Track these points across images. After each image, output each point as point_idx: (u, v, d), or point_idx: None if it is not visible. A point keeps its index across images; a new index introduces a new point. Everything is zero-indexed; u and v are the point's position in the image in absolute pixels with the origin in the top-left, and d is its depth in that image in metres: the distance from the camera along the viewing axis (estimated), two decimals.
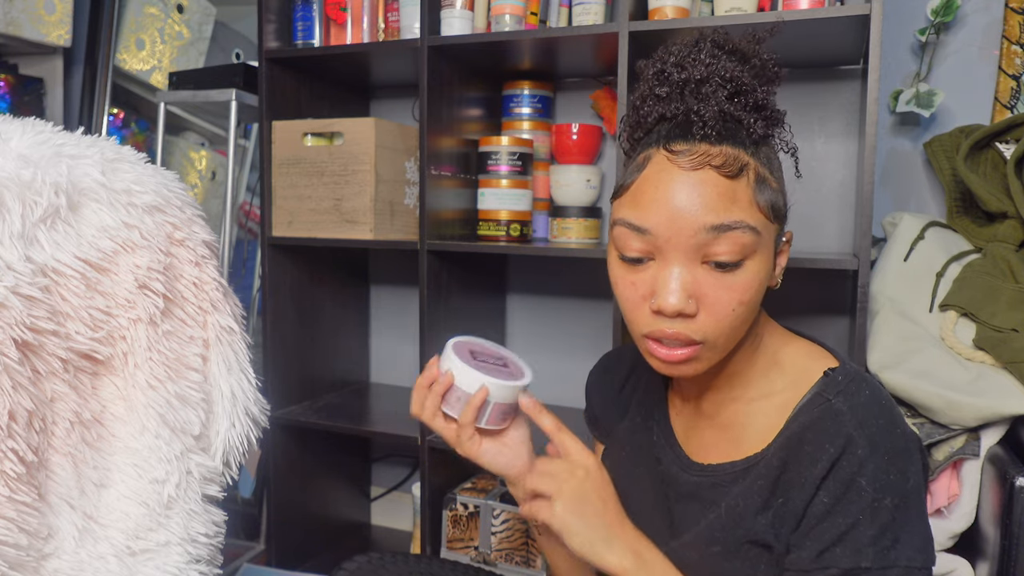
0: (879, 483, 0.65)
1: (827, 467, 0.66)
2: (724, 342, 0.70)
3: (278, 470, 1.65)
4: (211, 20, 2.25)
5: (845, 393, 0.70)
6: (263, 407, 0.99)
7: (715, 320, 0.68)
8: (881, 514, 0.65)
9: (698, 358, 0.70)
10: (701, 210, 0.66)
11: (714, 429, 0.78)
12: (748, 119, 0.69)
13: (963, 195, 1.37)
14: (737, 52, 0.71)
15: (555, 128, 1.55)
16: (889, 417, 0.69)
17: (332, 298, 1.79)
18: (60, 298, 0.79)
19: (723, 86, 0.69)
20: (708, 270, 0.68)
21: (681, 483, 0.77)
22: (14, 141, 0.81)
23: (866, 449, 0.66)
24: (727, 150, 0.67)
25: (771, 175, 0.70)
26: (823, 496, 0.66)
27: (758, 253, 0.68)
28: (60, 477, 0.78)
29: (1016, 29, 1.39)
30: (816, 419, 0.69)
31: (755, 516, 0.70)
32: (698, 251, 0.67)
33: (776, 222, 0.70)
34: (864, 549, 0.64)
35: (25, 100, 1.95)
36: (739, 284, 0.68)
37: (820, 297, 1.51)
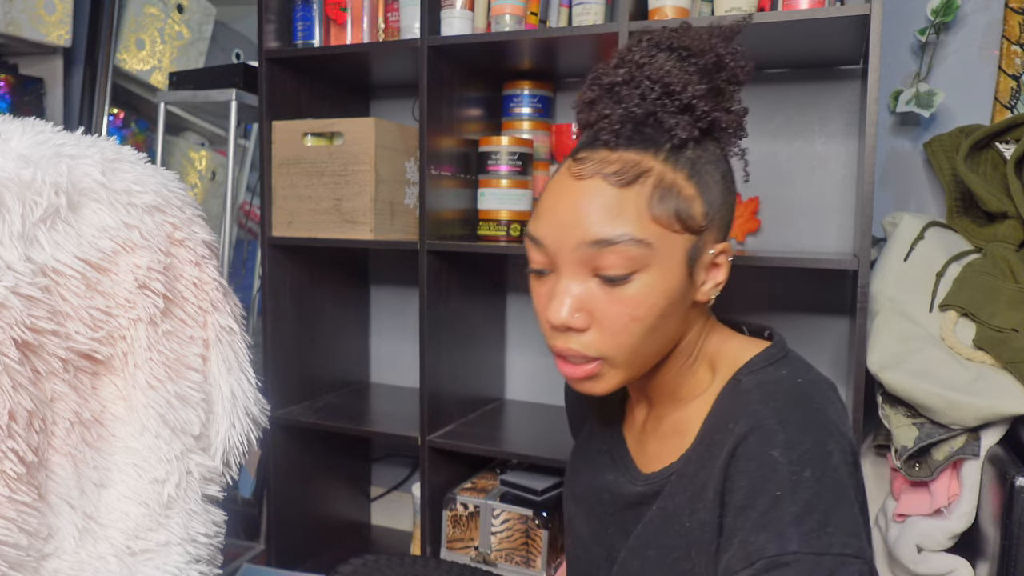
0: (795, 454, 0.58)
1: (732, 448, 0.61)
2: (627, 359, 0.67)
3: (278, 470, 1.65)
4: (211, 20, 2.25)
5: (758, 373, 0.67)
6: (263, 407, 0.99)
7: (607, 336, 0.66)
8: (802, 489, 0.57)
9: (601, 375, 0.68)
10: (583, 223, 0.64)
11: (658, 440, 0.75)
12: (670, 121, 0.65)
13: (963, 195, 1.37)
14: (680, 50, 0.68)
15: (555, 128, 1.55)
16: (803, 391, 0.64)
17: (332, 298, 1.79)
18: (60, 298, 0.79)
19: (648, 87, 0.66)
20: (599, 283, 0.65)
21: (627, 494, 0.75)
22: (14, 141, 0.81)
23: (773, 421, 0.61)
24: (627, 156, 0.65)
25: (689, 182, 0.66)
26: (739, 481, 0.60)
27: (653, 267, 0.64)
28: (60, 477, 0.78)
29: (1016, 29, 1.39)
30: (725, 403, 0.67)
31: (681, 517, 0.66)
32: (586, 264, 0.65)
33: (689, 232, 0.66)
34: (787, 531, 0.55)
35: (25, 100, 1.95)
36: (630, 299, 0.64)
37: (820, 297, 1.51)
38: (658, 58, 0.67)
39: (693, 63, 0.67)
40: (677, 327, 0.69)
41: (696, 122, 0.67)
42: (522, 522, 1.47)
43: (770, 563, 0.55)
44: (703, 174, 0.67)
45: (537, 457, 1.39)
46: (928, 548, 1.13)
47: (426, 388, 1.48)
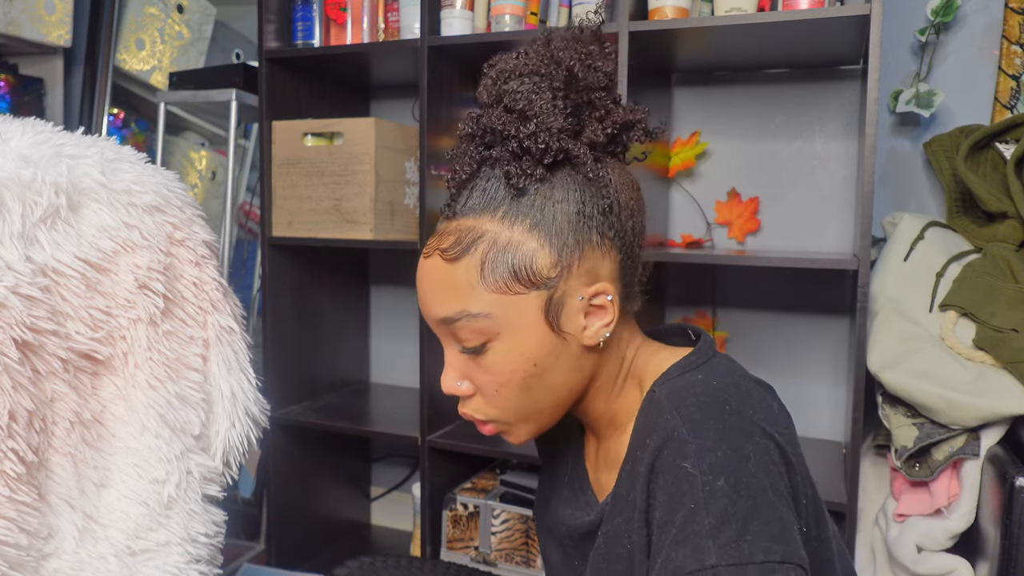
0: (706, 463, 0.56)
1: (650, 462, 0.59)
2: (518, 418, 0.67)
3: (278, 470, 1.65)
4: (211, 20, 2.25)
5: (673, 380, 0.65)
6: (263, 407, 0.99)
7: (488, 401, 0.67)
8: (717, 498, 0.54)
9: (508, 431, 0.69)
10: (429, 303, 0.66)
11: (607, 469, 0.74)
12: (505, 170, 0.63)
13: (963, 195, 1.37)
14: (520, 76, 0.63)
15: None
16: (715, 395, 0.61)
17: (332, 298, 1.79)
18: (60, 298, 0.79)
19: (483, 136, 0.64)
20: (468, 356, 0.66)
21: (580, 525, 0.74)
22: (14, 141, 0.81)
23: (685, 430, 0.58)
24: (463, 224, 0.64)
25: (530, 234, 0.62)
26: (659, 496, 0.57)
27: (503, 334, 0.63)
28: (60, 477, 0.78)
29: (1016, 29, 1.39)
30: (641, 417, 0.65)
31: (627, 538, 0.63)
32: (451, 338, 0.66)
33: (537, 288, 0.63)
34: (704, 544, 0.53)
35: (25, 100, 1.95)
36: (491, 367, 0.64)
37: (820, 297, 1.51)
38: (506, 88, 0.64)
39: (539, 88, 0.63)
40: (567, 378, 0.66)
41: (536, 163, 0.62)
42: (522, 522, 1.47)
43: None
44: (549, 219, 0.63)
45: (537, 457, 1.38)
46: (928, 548, 1.13)
47: (426, 388, 1.48)
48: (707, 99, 1.56)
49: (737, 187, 1.54)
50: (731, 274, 1.56)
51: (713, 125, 1.56)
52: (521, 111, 0.62)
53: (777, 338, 1.54)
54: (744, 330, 1.56)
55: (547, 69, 0.63)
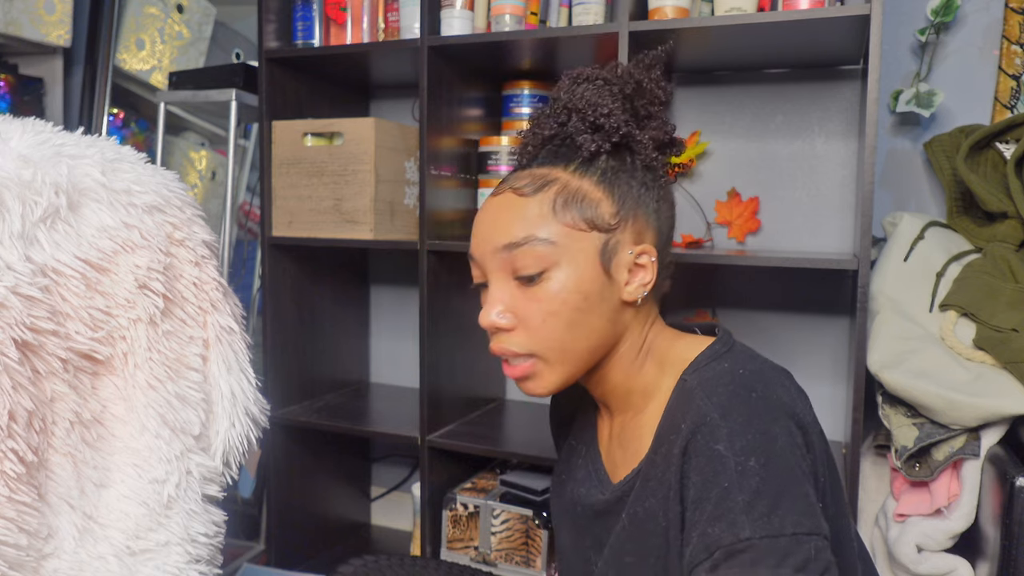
0: (738, 445, 0.61)
1: (683, 445, 0.64)
2: (555, 356, 0.72)
3: (278, 470, 1.65)
4: (211, 20, 2.25)
5: (702, 370, 0.70)
6: (263, 407, 0.99)
7: (530, 333, 0.71)
8: (749, 477, 0.59)
9: (538, 373, 0.73)
10: (494, 231, 0.72)
11: (622, 448, 0.78)
12: (579, 137, 0.73)
13: (963, 195, 1.37)
14: (597, 80, 0.76)
15: None
16: (743, 383, 0.66)
17: (332, 298, 1.79)
18: (60, 298, 0.79)
19: (563, 113, 0.74)
20: (518, 285, 0.72)
21: (595, 503, 0.78)
22: (14, 141, 0.81)
23: (716, 415, 0.63)
24: (537, 171, 0.74)
25: (597, 187, 0.72)
26: (693, 476, 0.63)
27: (563, 263, 0.70)
28: (60, 477, 0.78)
29: (1016, 29, 1.39)
30: (674, 403, 0.70)
31: (656, 520, 0.68)
32: (505, 269, 0.72)
33: (597, 230, 0.71)
34: (739, 518, 0.58)
35: (25, 100, 1.95)
36: (544, 295, 0.70)
37: (820, 297, 1.51)
38: (577, 90, 0.75)
39: (609, 90, 0.75)
40: (604, 325, 0.73)
41: (608, 137, 0.73)
42: (522, 522, 1.47)
43: (727, 552, 0.57)
44: (615, 181, 0.73)
45: (537, 457, 1.39)
46: (928, 548, 1.13)
47: (426, 388, 1.48)
48: (707, 99, 1.56)
49: (737, 187, 1.54)
50: (731, 274, 1.56)
51: (713, 125, 1.56)
52: (590, 104, 0.73)
53: (777, 338, 1.54)
54: (744, 330, 1.56)
55: (618, 80, 0.76)
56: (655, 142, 0.76)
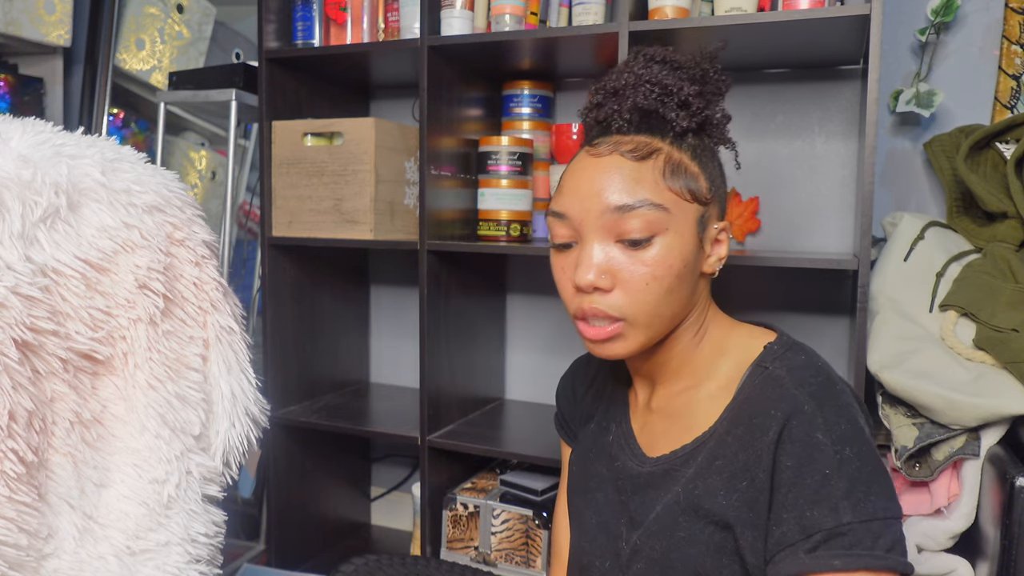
0: (835, 434, 0.66)
1: (778, 430, 0.68)
2: (645, 320, 0.73)
3: (278, 470, 1.65)
4: (211, 20, 2.25)
5: (781, 359, 0.73)
6: (263, 407, 0.99)
7: (630, 296, 0.72)
8: (846, 465, 0.65)
9: (623, 335, 0.73)
10: (606, 191, 0.72)
11: (665, 420, 0.80)
12: (670, 113, 0.74)
13: (963, 195, 1.37)
14: (670, 62, 0.77)
15: (555, 128, 1.55)
16: (826, 375, 0.71)
17: (332, 298, 1.79)
18: (60, 298, 0.79)
19: (648, 87, 0.75)
20: (621, 248, 0.72)
21: (635, 476, 0.79)
22: (14, 141, 0.81)
23: (812, 405, 0.68)
24: (639, 139, 0.74)
25: (692, 162, 0.75)
26: (786, 461, 0.67)
27: (670, 231, 0.72)
28: (60, 477, 0.78)
29: (1016, 29, 1.39)
30: (759, 390, 0.72)
31: (719, 498, 0.71)
32: (610, 231, 0.72)
33: (698, 203, 0.74)
34: (840, 504, 0.64)
35: (25, 100, 1.95)
36: (650, 260, 0.71)
37: (820, 297, 1.51)
38: (653, 68, 0.76)
39: (681, 74, 0.77)
40: (689, 295, 0.75)
41: (692, 116, 0.75)
42: (522, 522, 1.47)
43: (828, 534, 0.63)
44: (703, 158, 0.76)
45: (537, 457, 1.39)
46: (928, 548, 1.13)
47: (426, 388, 1.48)
48: None
49: (737, 187, 1.54)
50: (731, 274, 1.56)
51: None
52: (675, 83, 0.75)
53: None
54: None
55: (687, 65, 0.77)
56: (727, 120, 0.80)
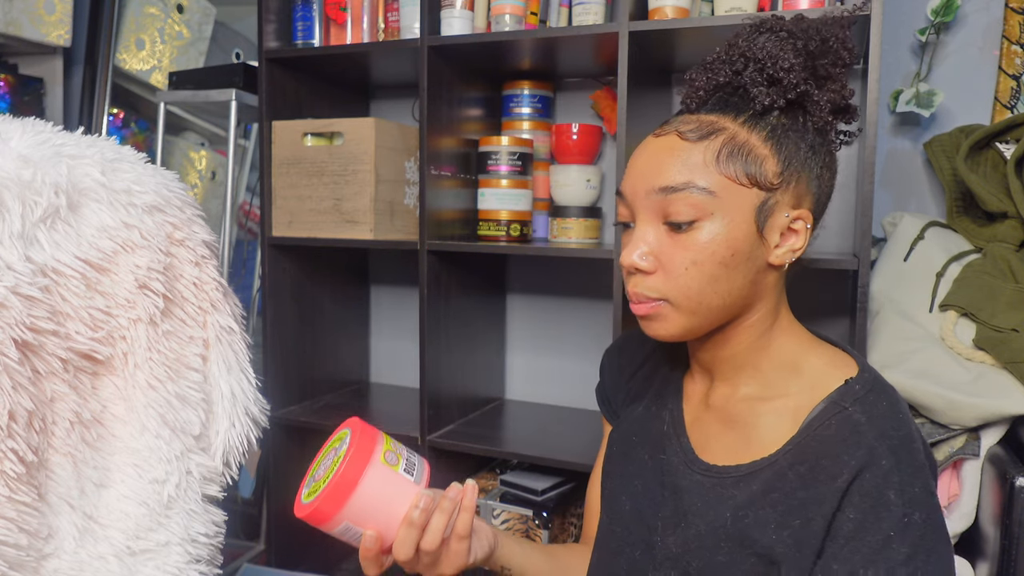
0: (907, 496, 0.63)
1: (849, 480, 0.64)
2: (689, 305, 0.70)
3: (278, 470, 1.65)
4: (211, 20, 2.26)
5: (863, 403, 0.68)
6: (263, 407, 0.99)
7: (669, 279, 0.70)
8: (912, 530, 0.62)
9: (663, 316, 0.72)
10: (653, 173, 0.70)
11: (721, 423, 0.76)
12: (754, 90, 0.71)
13: (963, 195, 1.37)
14: (783, 31, 0.72)
15: (555, 128, 1.55)
16: (908, 430, 0.67)
17: (332, 298, 1.79)
18: (60, 298, 0.79)
19: (740, 61, 0.71)
20: (667, 230, 0.71)
21: (682, 476, 0.75)
22: (14, 141, 0.81)
23: (890, 461, 0.64)
24: (705, 118, 0.71)
25: (765, 144, 0.70)
26: (849, 512, 0.64)
27: (716, 216, 0.69)
28: (60, 477, 0.78)
29: (1016, 29, 1.39)
30: (834, 431, 0.67)
31: (768, 531, 0.67)
32: (657, 212, 0.70)
33: (758, 188, 0.69)
34: (898, 570, 0.61)
35: (25, 100, 1.95)
36: (692, 244, 0.69)
37: (820, 297, 1.51)
38: (758, 39, 0.72)
39: (792, 44, 0.71)
40: (744, 285, 0.71)
41: (784, 93, 0.70)
42: (522, 522, 1.47)
43: None
44: (785, 140, 0.71)
45: (537, 457, 1.39)
46: None
47: (426, 388, 1.48)
48: None
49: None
50: None
51: None
52: (770, 56, 0.71)
53: None
54: None
55: (803, 34, 0.72)
56: (831, 105, 0.73)
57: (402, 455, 0.76)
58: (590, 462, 1.33)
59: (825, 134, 0.74)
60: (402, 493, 0.73)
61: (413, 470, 0.76)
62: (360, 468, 0.71)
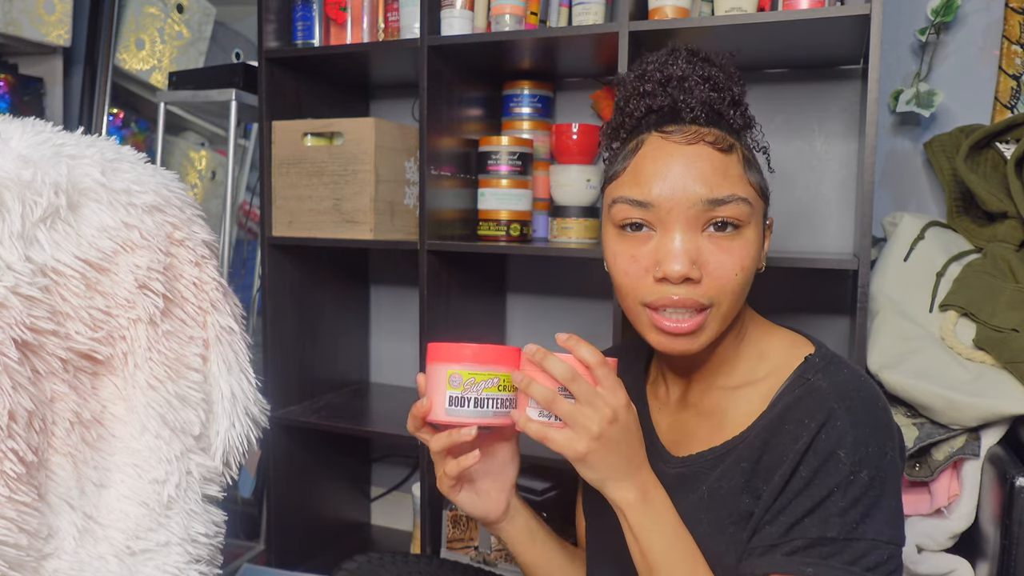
0: (857, 456, 0.66)
1: (808, 441, 0.68)
2: (728, 309, 0.73)
3: (278, 470, 1.65)
4: (211, 20, 2.25)
5: (824, 371, 0.73)
6: (263, 407, 0.99)
7: (719, 285, 0.71)
8: (854, 487, 0.66)
9: (705, 327, 0.73)
10: (698, 181, 0.71)
11: (698, 417, 0.80)
12: (728, 111, 0.75)
13: (963, 195, 1.37)
14: (708, 60, 0.77)
15: (555, 128, 1.55)
16: (869, 391, 0.71)
17: (332, 298, 1.79)
18: (60, 298, 0.79)
19: (703, 83, 0.74)
20: (708, 237, 0.72)
21: (662, 476, 0.78)
22: (14, 141, 0.81)
23: (846, 421, 0.68)
24: (715, 131, 0.73)
25: (754, 160, 0.76)
26: (803, 471, 0.68)
27: (752, 224, 0.73)
28: (60, 477, 0.78)
29: (1016, 29, 1.39)
30: (797, 398, 0.71)
31: (737, 497, 0.72)
32: (698, 220, 0.71)
33: (764, 200, 0.75)
34: (832, 519, 0.65)
35: (25, 100, 1.95)
36: (738, 250, 0.72)
37: (820, 297, 1.51)
38: (696, 63, 0.76)
39: (724, 73, 0.76)
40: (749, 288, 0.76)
41: (743, 115, 0.76)
42: None
43: (810, 542, 0.65)
44: (755, 156, 0.77)
45: (537, 457, 1.39)
46: (928, 548, 1.13)
47: None
48: None
49: None
50: None
51: None
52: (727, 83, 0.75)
53: None
54: None
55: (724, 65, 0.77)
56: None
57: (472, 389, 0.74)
58: None
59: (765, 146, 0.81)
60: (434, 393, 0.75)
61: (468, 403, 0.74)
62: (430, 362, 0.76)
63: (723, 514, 0.72)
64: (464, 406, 0.74)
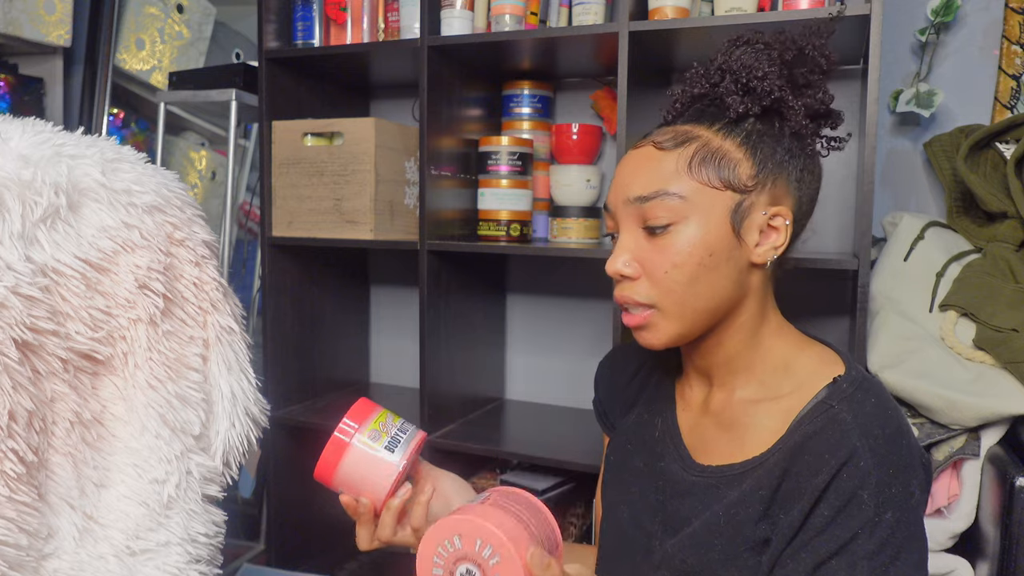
0: (882, 497, 0.65)
1: (828, 479, 0.66)
2: (675, 309, 0.73)
3: (278, 470, 1.65)
4: (211, 20, 2.26)
5: (850, 401, 0.69)
6: (263, 407, 0.99)
7: (652, 283, 0.73)
8: (881, 529, 0.64)
9: (654, 324, 0.74)
10: (628, 182, 0.74)
11: (718, 427, 0.78)
12: (728, 99, 0.74)
13: (963, 195, 1.37)
14: (758, 43, 0.76)
15: (555, 128, 1.55)
16: (895, 428, 0.68)
17: (332, 298, 1.79)
18: (60, 298, 0.79)
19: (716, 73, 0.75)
20: (645, 236, 0.74)
21: (679, 481, 0.77)
22: (14, 141, 0.81)
23: (870, 462, 0.65)
24: (680, 128, 0.74)
25: (740, 148, 0.73)
26: (823, 509, 0.66)
27: (691, 219, 0.71)
28: (60, 477, 0.78)
29: (1016, 29, 1.39)
30: (819, 428, 0.69)
31: (754, 524, 0.70)
32: (636, 220, 0.74)
33: (732, 190, 0.72)
34: (860, 562, 0.64)
35: (25, 100, 1.95)
36: (669, 247, 0.72)
37: (820, 297, 1.51)
38: (735, 52, 0.76)
39: (768, 54, 0.75)
40: (728, 286, 0.73)
41: (758, 100, 0.74)
42: None
43: None
44: (760, 144, 0.73)
45: (537, 457, 1.39)
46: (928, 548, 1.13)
47: (426, 388, 1.48)
48: None
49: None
50: None
51: None
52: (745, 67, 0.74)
53: None
54: None
55: (779, 44, 0.75)
56: (808, 110, 0.75)
57: (388, 432, 0.82)
58: (590, 462, 1.33)
59: (803, 139, 0.76)
60: (377, 470, 0.81)
61: (396, 445, 0.81)
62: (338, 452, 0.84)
63: (739, 540, 0.71)
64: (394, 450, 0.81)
